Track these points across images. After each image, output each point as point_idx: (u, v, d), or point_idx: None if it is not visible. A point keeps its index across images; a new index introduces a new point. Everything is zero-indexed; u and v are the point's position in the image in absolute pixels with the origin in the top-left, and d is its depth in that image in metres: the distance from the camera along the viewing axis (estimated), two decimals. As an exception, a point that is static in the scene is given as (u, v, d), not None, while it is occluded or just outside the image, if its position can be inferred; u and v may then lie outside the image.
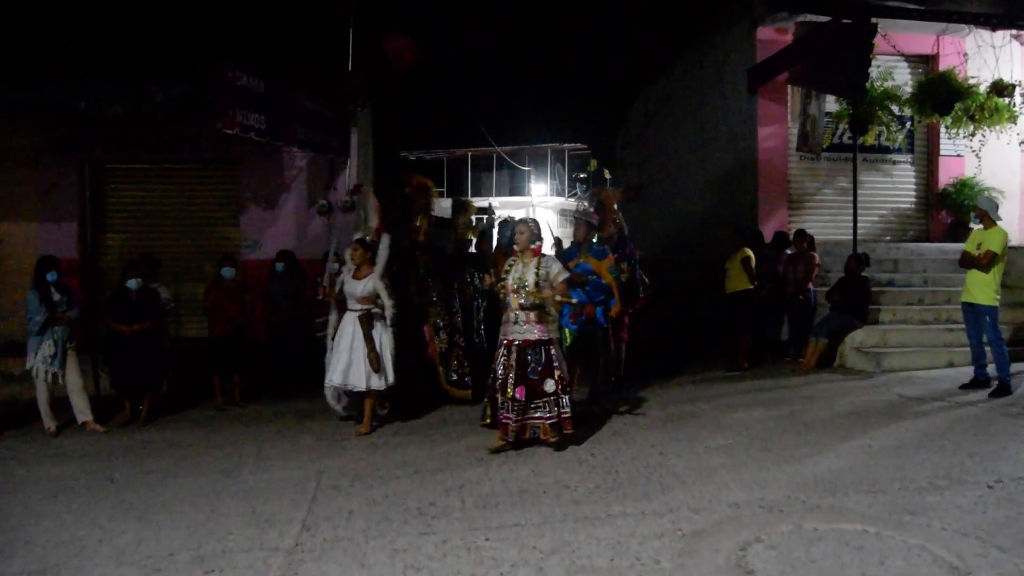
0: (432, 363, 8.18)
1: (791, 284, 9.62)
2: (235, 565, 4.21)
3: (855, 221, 10.01)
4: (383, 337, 7.19)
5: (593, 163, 24.23)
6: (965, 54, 11.40)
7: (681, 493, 4.95)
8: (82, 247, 10.81)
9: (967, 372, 8.11)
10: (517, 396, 6.00)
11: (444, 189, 24.62)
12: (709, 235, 12.78)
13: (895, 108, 11.00)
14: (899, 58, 11.47)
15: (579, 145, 26.38)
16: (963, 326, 8.03)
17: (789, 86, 11.35)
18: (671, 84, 15.08)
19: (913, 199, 12.07)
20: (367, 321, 7.08)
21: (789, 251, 10.01)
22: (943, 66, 11.19)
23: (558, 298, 6.13)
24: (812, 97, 10.98)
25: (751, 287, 9.56)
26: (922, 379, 8.33)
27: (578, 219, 8.06)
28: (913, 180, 12.06)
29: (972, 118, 10.56)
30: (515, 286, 6.18)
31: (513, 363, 6.06)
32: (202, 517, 5.06)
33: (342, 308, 7.36)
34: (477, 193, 27.23)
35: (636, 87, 16.76)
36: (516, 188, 28.88)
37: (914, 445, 5.83)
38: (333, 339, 7.35)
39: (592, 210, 8.36)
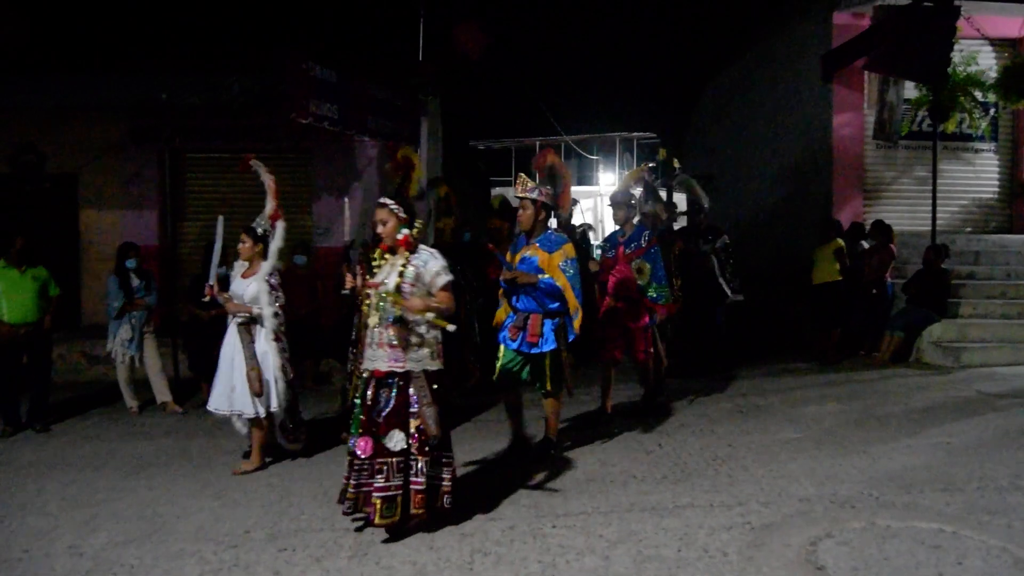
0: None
1: (867, 276, 9.38)
2: (307, 544, 4.33)
3: (934, 211, 9.71)
4: (268, 352, 5.83)
5: (662, 152, 23.93)
6: (1054, 37, 10.93)
7: (750, 486, 4.91)
8: (162, 234, 11.18)
9: (1052, 369, 7.84)
10: (358, 451, 4.36)
11: (512, 178, 24.63)
12: (781, 225, 12.55)
13: (978, 94, 10.61)
14: (983, 42, 11.02)
15: (648, 134, 26.06)
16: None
17: (866, 72, 11.03)
18: (742, 72, 14.80)
19: (996, 189, 11.62)
20: (247, 332, 5.84)
21: (865, 242, 9.76)
22: (1030, 50, 10.75)
23: (428, 316, 4.33)
24: (890, 83, 10.65)
25: (840, 279, 9.32)
26: (1004, 376, 8.05)
27: (616, 202, 6.83)
28: (996, 169, 11.60)
29: (1061, 104, 10.13)
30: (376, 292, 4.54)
31: (368, 403, 4.44)
32: (275, 497, 5.22)
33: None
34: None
35: (706, 75, 16.50)
36: (584, 177, 28.68)
37: (994, 443, 5.65)
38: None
39: (629, 191, 7.03)
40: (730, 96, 15.56)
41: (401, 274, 4.42)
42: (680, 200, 10.99)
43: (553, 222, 5.89)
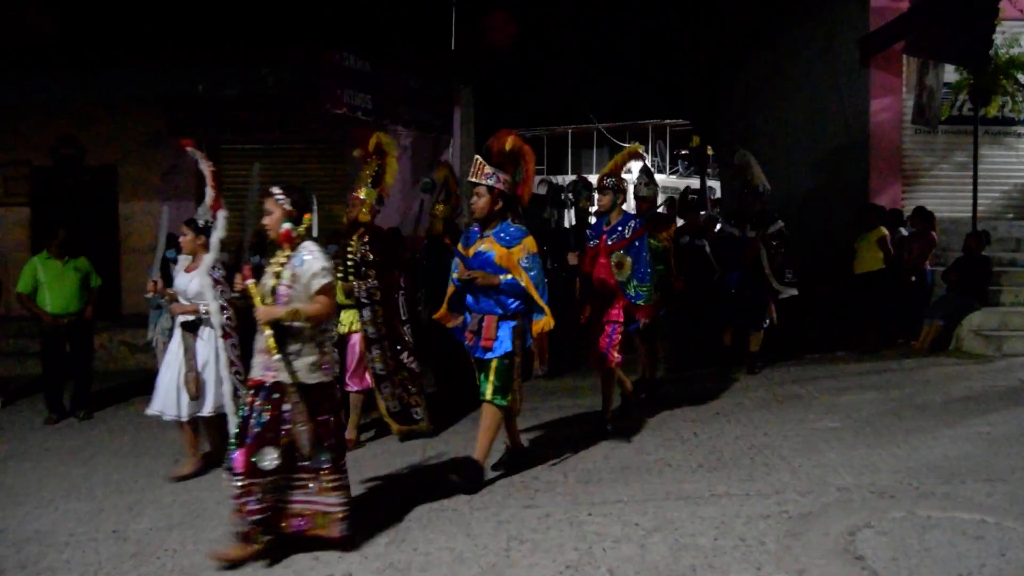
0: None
1: (907, 264, 9.23)
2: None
3: (975, 198, 9.53)
4: (215, 352, 5.49)
5: (695, 139, 23.79)
6: (1102, 17, 10.64)
7: (787, 475, 4.88)
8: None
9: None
10: (234, 465, 3.97)
11: (544, 167, 24.59)
12: (816, 212, 12.38)
13: (1021, 77, 10.36)
14: (1026, 23, 10.78)
15: (681, 121, 25.90)
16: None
17: (905, 56, 10.83)
18: (776, 57, 14.60)
19: (1040, 174, 11.37)
20: (192, 331, 5.58)
21: (903, 229, 9.61)
22: (1076, 31, 10.47)
23: (300, 322, 3.96)
24: (930, 67, 10.45)
25: (883, 267, 9.16)
26: (1047, 365, 7.91)
27: (602, 186, 6.11)
28: (1039, 154, 11.35)
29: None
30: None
31: (245, 415, 4.08)
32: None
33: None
34: (577, 170, 27.10)
35: (739, 61, 16.32)
36: (616, 165, 28.66)
37: (1037, 433, 5.56)
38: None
39: (618, 175, 6.21)
40: (764, 82, 15.38)
41: (277, 275, 4.06)
42: (714, 187, 10.92)
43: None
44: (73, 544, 4.45)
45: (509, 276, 4.84)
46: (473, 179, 4.94)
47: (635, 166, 7.97)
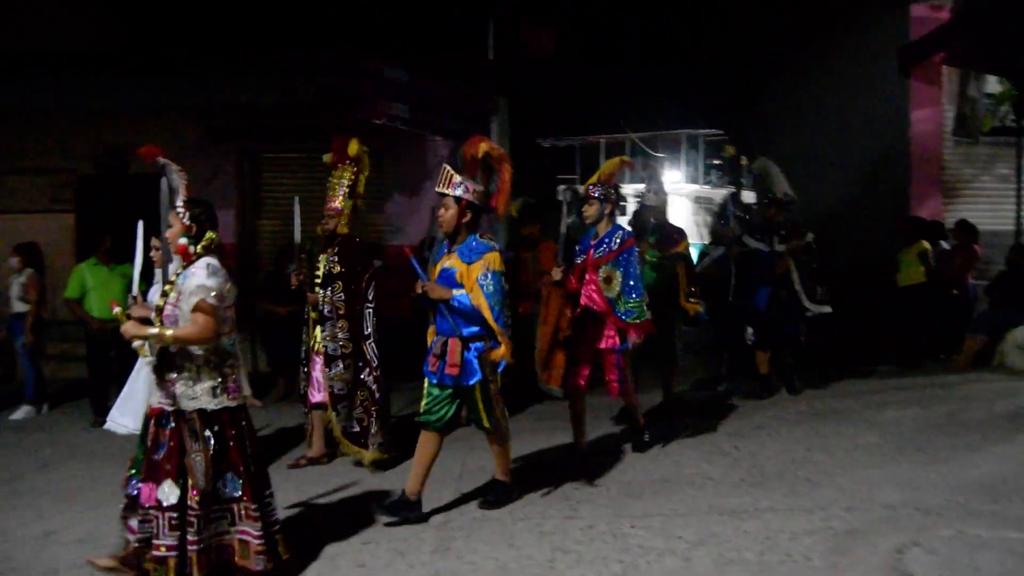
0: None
1: (948, 277, 9.13)
2: (390, 538, 4.43)
3: (1019, 210, 9.44)
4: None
5: (729, 149, 23.57)
6: None
7: (831, 491, 4.84)
8: (239, 232, 11.50)
9: None
10: (142, 499, 3.76)
11: (578, 176, 24.55)
12: (851, 224, 12.26)
13: (1065, 88, 10.24)
14: (1072, 33, 10.63)
15: (714, 131, 25.77)
16: None
17: (945, 66, 10.73)
18: (813, 66, 14.48)
19: (1084, 186, 11.18)
20: None
21: (945, 242, 9.50)
22: (1123, 41, 10.30)
23: (164, 337, 3.67)
24: (971, 77, 10.36)
25: (925, 280, 9.06)
26: (1094, 382, 7.77)
27: (589, 196, 5.73)
28: (1083, 166, 11.17)
29: None
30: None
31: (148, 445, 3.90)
32: (355, 491, 5.35)
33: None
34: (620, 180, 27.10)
35: (775, 69, 16.22)
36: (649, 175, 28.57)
37: (1086, 452, 5.47)
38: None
39: (608, 184, 5.75)
40: (796, 92, 15.26)
41: (165, 293, 3.86)
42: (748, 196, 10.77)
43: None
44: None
45: (462, 293, 4.51)
46: (439, 190, 4.64)
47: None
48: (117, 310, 3.94)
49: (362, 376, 5.80)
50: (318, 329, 5.86)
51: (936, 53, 10.40)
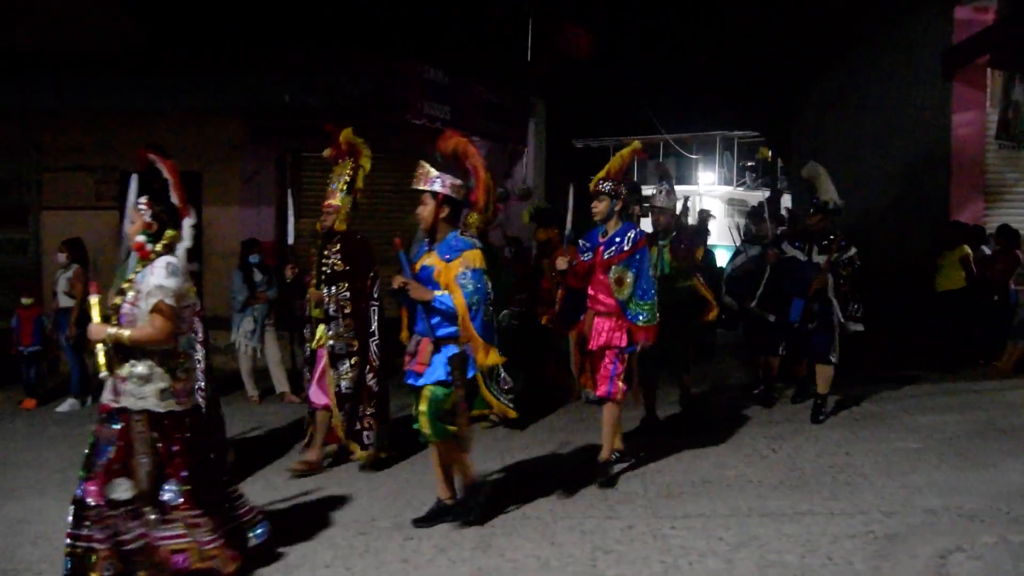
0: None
1: (990, 282, 9.03)
2: (432, 535, 4.49)
3: (1061, 215, 9.29)
4: None
5: (764, 151, 23.36)
6: None
7: (871, 495, 4.84)
8: (279, 231, 11.67)
9: None
10: (88, 498, 3.67)
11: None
12: (893, 228, 12.16)
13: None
14: (1121, 35, 10.45)
15: (749, 132, 25.61)
16: None
17: (989, 69, 10.60)
18: (853, 68, 14.38)
19: None
20: None
21: (986, 247, 9.40)
22: None
23: (120, 338, 3.66)
24: (1016, 81, 10.22)
25: (965, 285, 8.97)
26: None
27: (598, 191, 5.37)
28: None
29: None
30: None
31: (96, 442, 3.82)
32: (397, 487, 5.44)
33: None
34: (643, 181, 27.06)
35: (814, 72, 16.11)
36: (682, 176, 28.33)
37: None
38: None
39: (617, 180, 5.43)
40: (838, 95, 15.16)
41: (122, 291, 3.80)
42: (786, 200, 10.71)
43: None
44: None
45: (443, 293, 4.31)
46: (415, 186, 4.52)
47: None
48: (93, 297, 3.77)
49: (366, 375, 5.75)
50: (321, 328, 5.79)
51: (980, 56, 10.28)
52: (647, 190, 11.96)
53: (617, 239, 5.28)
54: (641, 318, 5.19)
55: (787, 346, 7.57)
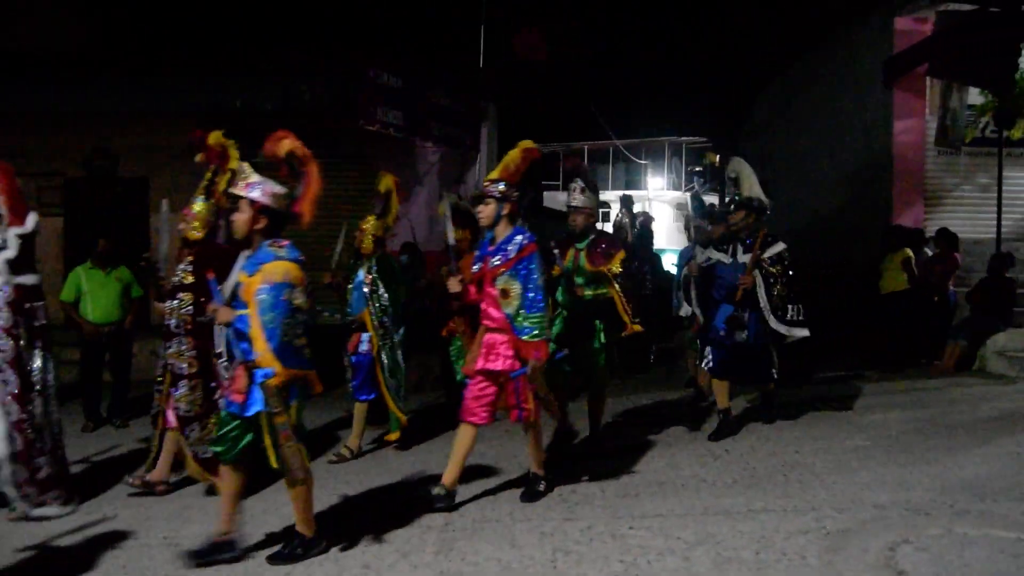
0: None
1: (929, 285, 9.33)
2: (393, 539, 4.48)
3: (999, 219, 9.62)
4: None
5: (710, 156, 23.72)
6: (1125, 42, 10.73)
7: (822, 492, 4.96)
8: (230, 236, 11.50)
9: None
10: None
11: (560, 182, 24.76)
12: (838, 233, 12.47)
13: (1045, 100, 10.47)
14: (1051, 47, 10.87)
15: (698, 138, 26.03)
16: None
17: (928, 78, 10.95)
18: (799, 77, 14.73)
19: (1062, 196, 11.44)
20: None
21: (928, 250, 9.70)
22: (1100, 55, 10.55)
23: None
24: (953, 89, 10.58)
25: (908, 287, 9.25)
26: (1073, 387, 7.97)
27: (484, 193, 5.04)
28: (1063, 176, 11.43)
29: None
30: None
31: None
32: (353, 492, 5.42)
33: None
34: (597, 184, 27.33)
35: (762, 80, 16.46)
36: (632, 182, 28.73)
37: (1068, 454, 5.63)
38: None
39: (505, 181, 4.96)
40: (786, 101, 15.51)
41: None
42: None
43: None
44: (126, 550, 4.56)
45: (245, 312, 3.99)
46: (232, 190, 4.23)
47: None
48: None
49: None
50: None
51: (919, 65, 10.62)
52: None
53: (506, 246, 4.87)
54: (528, 333, 4.75)
55: (713, 360, 6.70)
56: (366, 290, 6.36)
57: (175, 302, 5.31)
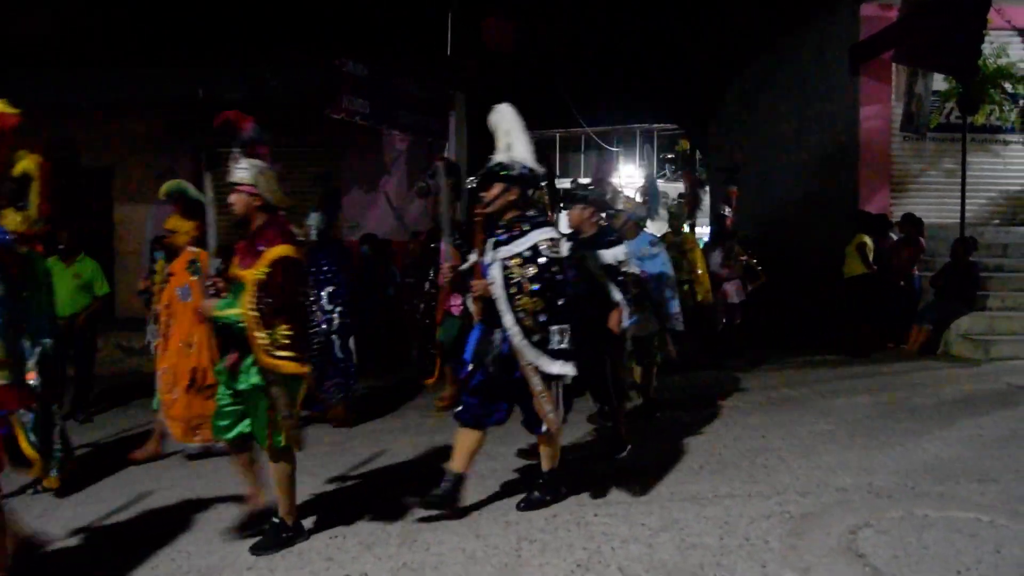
0: None
1: (895, 269, 9.42)
2: (357, 532, 4.45)
3: (963, 204, 9.73)
4: None
5: (683, 143, 23.70)
6: (1086, 29, 10.88)
7: (787, 476, 5.00)
8: (198, 227, 11.37)
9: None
10: None
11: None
12: (807, 218, 12.56)
13: (1008, 86, 10.60)
14: (1013, 33, 10.98)
15: (669, 125, 26.08)
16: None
17: (894, 64, 11.03)
18: (769, 64, 14.80)
19: (1025, 181, 11.60)
20: None
21: (894, 235, 9.79)
22: (1061, 41, 10.71)
23: None
24: (918, 76, 10.67)
25: (867, 272, 9.32)
26: (1034, 368, 8.09)
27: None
28: (1025, 161, 11.59)
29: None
30: None
31: None
32: (317, 484, 5.36)
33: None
34: (564, 174, 27.26)
35: (732, 67, 16.50)
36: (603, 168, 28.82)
37: (1027, 435, 5.72)
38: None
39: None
40: (756, 88, 15.57)
41: None
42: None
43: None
44: (84, 545, 4.50)
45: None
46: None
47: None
48: None
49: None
50: None
51: (884, 51, 10.70)
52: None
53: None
54: None
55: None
56: None
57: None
